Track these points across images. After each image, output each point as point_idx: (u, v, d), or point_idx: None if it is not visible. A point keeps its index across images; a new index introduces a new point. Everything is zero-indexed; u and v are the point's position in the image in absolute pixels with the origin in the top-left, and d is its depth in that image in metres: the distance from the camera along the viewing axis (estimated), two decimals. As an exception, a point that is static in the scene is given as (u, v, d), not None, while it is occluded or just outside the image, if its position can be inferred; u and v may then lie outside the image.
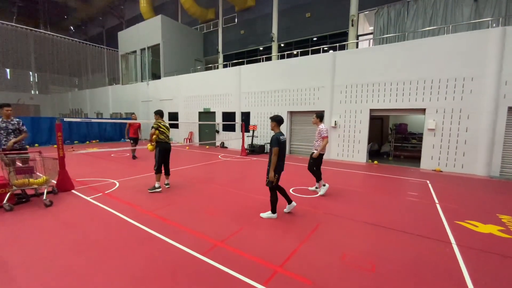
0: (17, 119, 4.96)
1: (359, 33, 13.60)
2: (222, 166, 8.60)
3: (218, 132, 14.86)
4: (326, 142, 5.17)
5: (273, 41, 16.31)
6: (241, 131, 11.70)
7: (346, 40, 13.29)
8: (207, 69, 18.61)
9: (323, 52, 11.80)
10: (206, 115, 15.10)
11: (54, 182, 5.13)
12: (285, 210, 4.25)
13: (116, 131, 17.28)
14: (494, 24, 9.31)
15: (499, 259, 2.87)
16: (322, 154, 5.34)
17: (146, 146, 5.49)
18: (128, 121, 9.38)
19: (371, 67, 9.39)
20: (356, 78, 9.73)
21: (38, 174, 4.56)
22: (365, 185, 6.37)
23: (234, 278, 2.42)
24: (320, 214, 4.21)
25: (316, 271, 2.57)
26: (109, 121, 16.49)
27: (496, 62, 7.26)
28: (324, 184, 5.35)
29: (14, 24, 17.69)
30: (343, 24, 13.71)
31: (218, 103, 14.43)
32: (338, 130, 10.28)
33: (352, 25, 13.19)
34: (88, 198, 4.76)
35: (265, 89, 12.32)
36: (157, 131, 5.24)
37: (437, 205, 4.76)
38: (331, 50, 12.37)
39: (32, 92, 30.47)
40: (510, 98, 7.22)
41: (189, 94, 15.79)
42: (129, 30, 20.51)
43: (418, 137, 12.69)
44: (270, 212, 4.04)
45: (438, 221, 3.98)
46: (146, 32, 18.71)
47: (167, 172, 5.62)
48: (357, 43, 13.21)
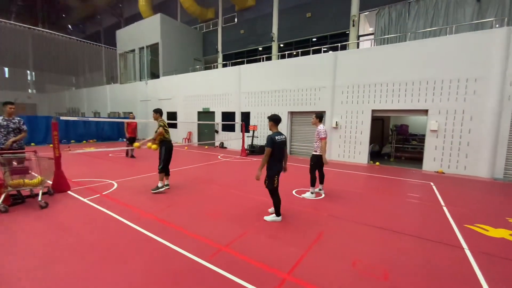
0: (18, 118, 4.89)
1: (359, 34, 13.52)
2: (222, 167, 8.45)
3: (218, 132, 14.70)
4: (325, 144, 4.95)
5: (273, 41, 16.19)
6: (241, 131, 11.56)
7: (347, 41, 13.20)
8: (206, 69, 18.44)
9: (323, 53, 11.69)
10: (205, 115, 14.93)
11: (50, 183, 4.96)
12: (268, 218, 3.91)
13: (114, 131, 17.05)
14: (498, 25, 9.26)
15: (515, 266, 2.76)
16: (321, 156, 5.06)
17: (147, 146, 5.22)
18: (126, 121, 9.29)
19: (373, 67, 9.29)
20: (358, 79, 9.63)
21: (34, 174, 4.40)
22: (368, 187, 6.26)
23: (242, 287, 2.28)
24: (325, 217, 4.09)
25: (327, 279, 2.44)
26: (106, 120, 16.26)
27: (501, 63, 7.19)
28: (312, 192, 5.14)
29: (13, 22, 17.44)
30: (344, 25, 13.62)
31: (218, 103, 14.27)
32: (339, 131, 10.16)
33: (353, 25, 13.10)
34: (85, 200, 4.59)
35: (266, 89, 12.18)
36: (164, 130, 5.11)
37: (444, 208, 4.65)
38: (330, 51, 12.29)
39: (30, 91, 30.09)
40: (515, 100, 7.15)
41: (188, 94, 15.61)
42: (128, 29, 20.27)
43: (419, 138, 12.63)
44: (274, 215, 3.91)
45: (447, 225, 3.87)
46: (145, 31, 18.50)
47: (167, 173, 5.47)
48: (358, 44, 13.13)
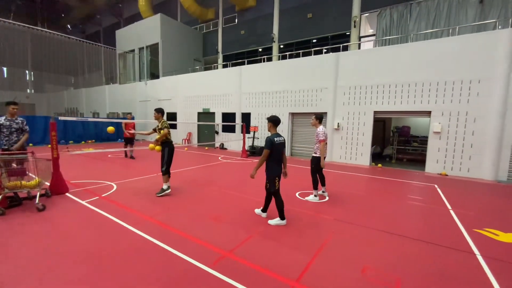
0: (21, 119, 4.81)
1: (360, 35, 13.47)
2: (223, 168, 8.34)
3: (218, 133, 14.58)
4: (323, 146, 4.81)
5: (274, 42, 16.12)
6: (242, 133, 11.46)
7: (347, 42, 13.14)
8: (206, 69, 18.35)
9: (324, 54, 11.61)
10: (205, 116, 14.83)
11: (48, 185, 4.84)
12: (256, 211, 4.25)
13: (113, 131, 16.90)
14: (500, 26, 9.21)
15: (530, 273, 2.66)
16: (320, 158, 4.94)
17: (149, 147, 5.07)
18: (123, 121, 9.24)
19: (376, 69, 9.22)
20: (360, 80, 9.55)
21: (31, 176, 4.28)
22: (373, 190, 6.16)
23: (247, 296, 2.18)
24: (330, 221, 3.98)
25: (337, 287, 2.34)
26: (105, 121, 16.09)
27: (505, 64, 7.12)
28: (316, 195, 5.03)
29: (11, 21, 17.28)
30: (345, 26, 13.57)
31: (218, 104, 14.16)
32: (341, 132, 10.08)
33: (355, 27, 13.06)
34: (83, 202, 4.47)
35: (267, 90, 12.09)
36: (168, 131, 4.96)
37: (451, 212, 4.55)
38: (331, 52, 12.21)
39: (28, 91, 29.88)
40: (519, 101, 7.09)
41: (188, 94, 15.50)
42: (128, 29, 20.16)
43: (421, 140, 12.56)
44: (279, 219, 3.80)
45: (456, 229, 3.77)
46: (145, 31, 18.40)
47: (169, 174, 5.34)
48: (359, 45, 13.07)
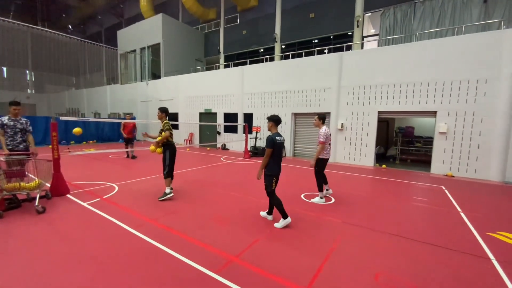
0: (25, 119, 4.75)
1: (363, 35, 13.36)
2: (226, 169, 8.24)
3: (220, 134, 14.49)
4: (321, 148, 4.68)
5: (276, 42, 16.03)
6: (244, 133, 11.35)
7: (350, 42, 13.04)
8: (208, 70, 18.26)
9: (327, 53, 11.51)
10: (207, 116, 14.74)
11: (48, 186, 4.75)
12: (262, 213, 4.16)
13: (115, 131, 16.82)
14: (504, 26, 9.08)
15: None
16: (326, 159, 4.85)
17: (151, 149, 4.91)
18: (123, 121, 9.16)
19: (380, 68, 9.11)
20: (364, 80, 9.44)
21: (31, 177, 4.18)
22: (379, 191, 6.04)
23: (257, 304, 2.07)
24: (338, 224, 3.88)
25: (350, 295, 2.23)
26: (106, 121, 16.06)
27: (513, 64, 7.02)
28: (322, 197, 4.91)
29: (11, 21, 17.22)
30: (347, 25, 13.47)
31: (220, 104, 14.07)
32: (345, 133, 9.97)
33: (358, 26, 12.96)
34: (85, 204, 4.38)
35: (269, 90, 11.98)
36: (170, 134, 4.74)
37: (461, 214, 4.44)
38: (334, 52, 12.11)
39: (29, 91, 29.82)
40: (527, 101, 6.97)
41: (190, 95, 15.42)
42: (129, 29, 20.09)
43: (425, 141, 12.44)
44: (282, 219, 3.70)
45: (468, 233, 3.66)
46: (147, 31, 18.32)
47: (172, 177, 5.22)
48: (362, 44, 12.97)
